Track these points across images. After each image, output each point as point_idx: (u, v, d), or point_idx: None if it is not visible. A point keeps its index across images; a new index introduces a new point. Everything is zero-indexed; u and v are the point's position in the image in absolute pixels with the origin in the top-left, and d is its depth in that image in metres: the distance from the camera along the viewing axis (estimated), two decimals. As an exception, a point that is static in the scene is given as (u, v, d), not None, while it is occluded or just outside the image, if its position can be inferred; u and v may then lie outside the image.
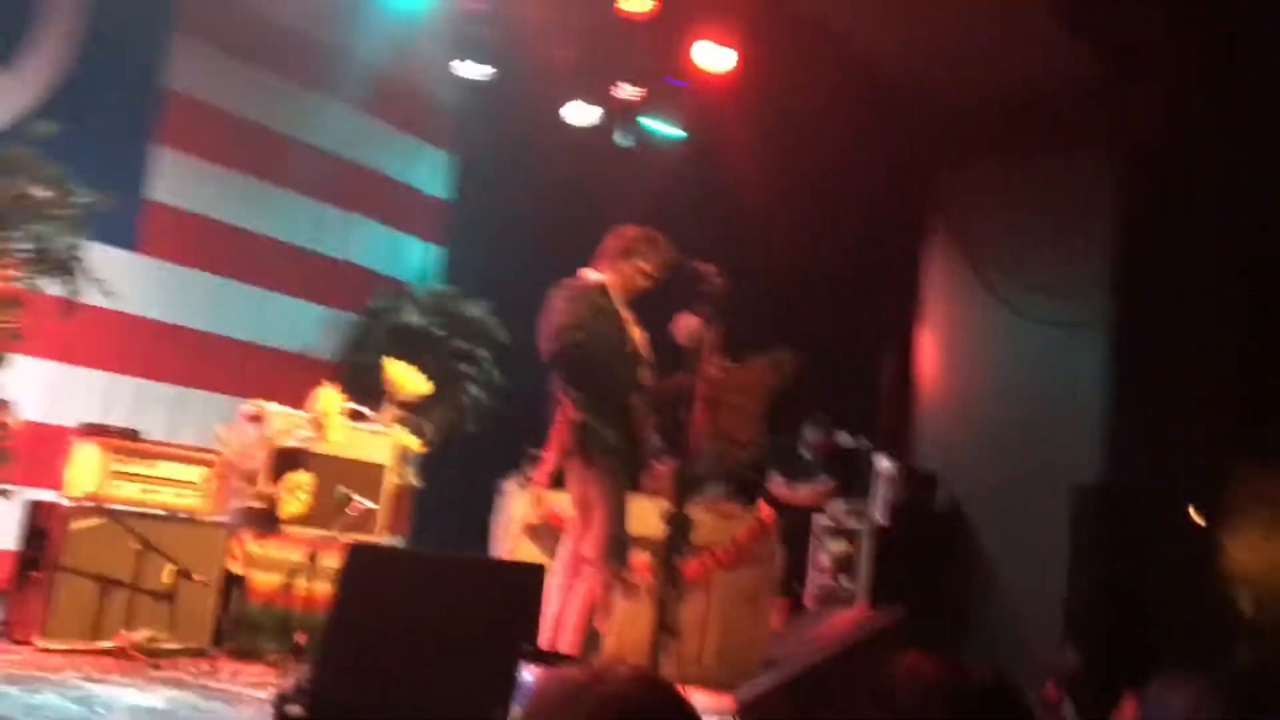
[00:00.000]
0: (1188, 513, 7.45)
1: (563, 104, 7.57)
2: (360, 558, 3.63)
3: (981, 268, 8.30)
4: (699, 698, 5.37)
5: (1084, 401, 7.66)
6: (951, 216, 8.58)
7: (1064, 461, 7.55)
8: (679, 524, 4.16)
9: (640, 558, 4.91)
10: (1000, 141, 8.19)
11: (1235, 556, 7.38)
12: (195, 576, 5.25)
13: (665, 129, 7.76)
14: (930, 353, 8.67)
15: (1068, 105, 7.67)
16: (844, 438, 8.25)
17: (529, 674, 2.06)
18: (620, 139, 7.65)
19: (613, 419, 4.24)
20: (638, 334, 4.58)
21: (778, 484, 7.86)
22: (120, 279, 6.30)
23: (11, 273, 5.65)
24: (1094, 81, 7.44)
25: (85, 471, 5.31)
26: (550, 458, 4.47)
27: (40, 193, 5.61)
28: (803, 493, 7.87)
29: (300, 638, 5.40)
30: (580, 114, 7.55)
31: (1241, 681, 1.65)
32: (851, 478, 8.19)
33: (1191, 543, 7.46)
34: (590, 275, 4.56)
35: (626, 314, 4.58)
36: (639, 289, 4.63)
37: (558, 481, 5.12)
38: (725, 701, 4.97)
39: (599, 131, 7.65)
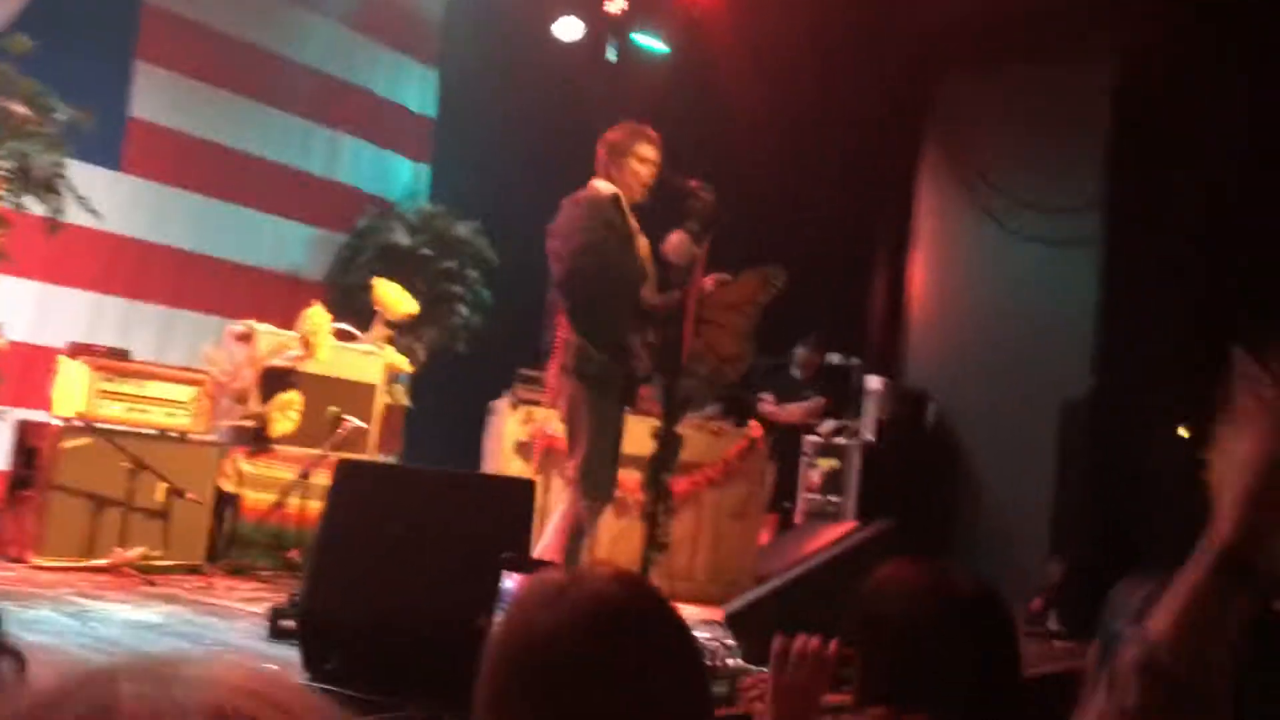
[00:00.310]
0: (1174, 426, 7.51)
1: (548, 18, 7.44)
2: (349, 473, 3.65)
3: (974, 184, 8.26)
4: (689, 611, 5.45)
5: (1073, 318, 7.68)
6: (944, 131, 8.50)
7: (1053, 378, 7.59)
8: (668, 442, 4.18)
9: (631, 475, 4.93)
10: (994, 53, 8.09)
11: (1219, 469, 7.46)
12: (188, 494, 5.28)
13: (653, 44, 7.64)
14: (921, 271, 8.65)
15: (1061, 15, 7.56)
16: (834, 356, 8.27)
17: (511, 582, 2.08)
18: (608, 54, 7.54)
19: (609, 344, 4.20)
20: (644, 243, 4.47)
21: (768, 402, 7.89)
22: (105, 198, 6.24)
23: (-4, 191, 5.59)
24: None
25: (74, 391, 5.31)
26: (551, 377, 4.45)
27: (20, 109, 5.52)
28: (792, 410, 7.90)
29: (293, 553, 5.46)
30: (567, 29, 7.43)
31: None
32: (841, 396, 8.23)
33: (1177, 455, 7.54)
34: (601, 186, 4.45)
35: (634, 223, 4.47)
36: (645, 186, 4.47)
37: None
38: (715, 614, 5.04)
39: (585, 47, 7.53)
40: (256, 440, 5.80)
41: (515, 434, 6.20)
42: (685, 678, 1.22)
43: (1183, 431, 7.57)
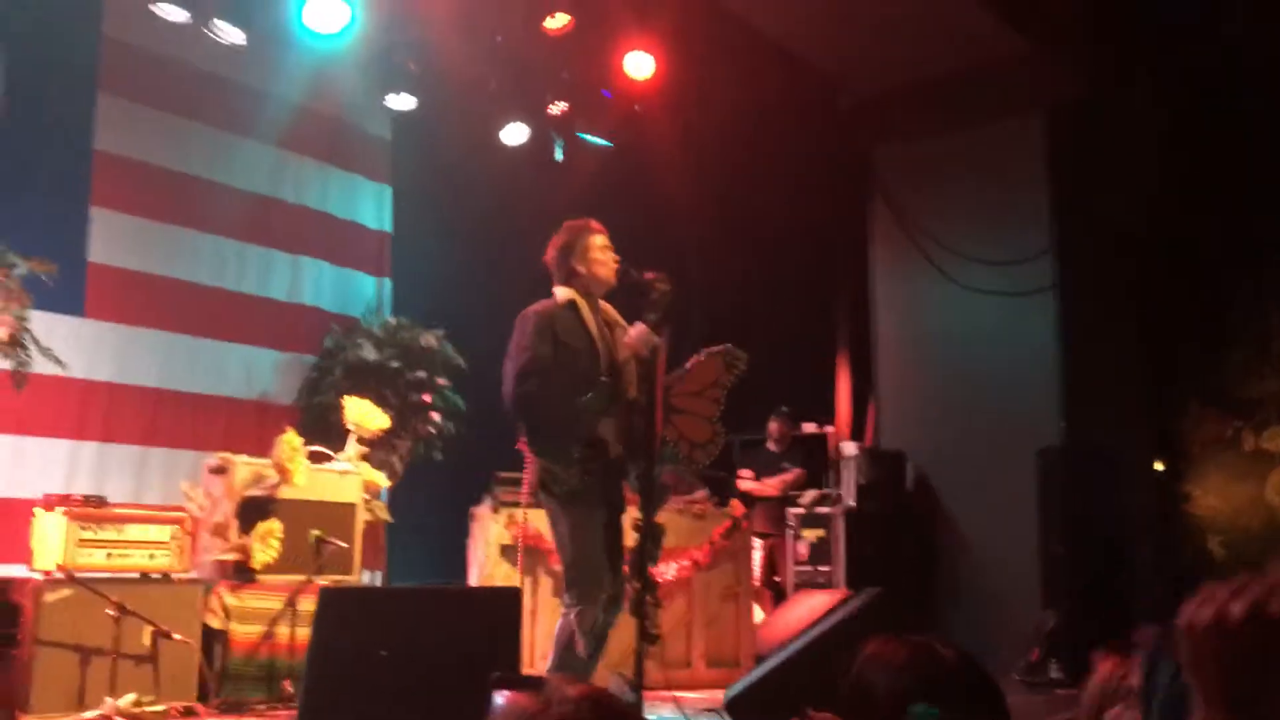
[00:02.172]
0: (1151, 464, 7.59)
1: (494, 127, 7.60)
2: (331, 602, 3.64)
3: (925, 244, 8.41)
4: (691, 701, 5.42)
5: (1038, 365, 7.78)
6: (891, 195, 8.68)
7: (1025, 426, 7.67)
8: (650, 533, 4.19)
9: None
10: (928, 117, 8.30)
11: (1200, 502, 7.53)
12: (175, 636, 5.23)
13: (597, 139, 7.81)
14: (885, 331, 8.75)
15: (989, 78, 7.79)
16: (808, 426, 8.34)
17: (499, 699, 2.09)
18: (555, 154, 7.70)
19: (569, 462, 4.21)
20: (618, 337, 4.46)
21: (747, 478, 7.93)
22: (70, 345, 6.27)
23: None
24: (1014, 52, 7.56)
25: (52, 543, 5.28)
26: (526, 489, 4.45)
27: (-22, 269, 5.57)
28: (772, 484, 7.94)
29: (286, 685, 5.41)
30: (513, 134, 7.60)
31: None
32: (819, 465, 8.28)
33: (1158, 493, 7.61)
34: (559, 294, 4.49)
35: (601, 321, 4.46)
36: (610, 273, 4.49)
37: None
38: (715, 698, 5.03)
39: (532, 150, 7.69)
40: (240, 573, 5.76)
41: (499, 537, 6.21)
42: None
43: (1158, 465, 7.66)
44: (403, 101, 7.33)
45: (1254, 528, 7.27)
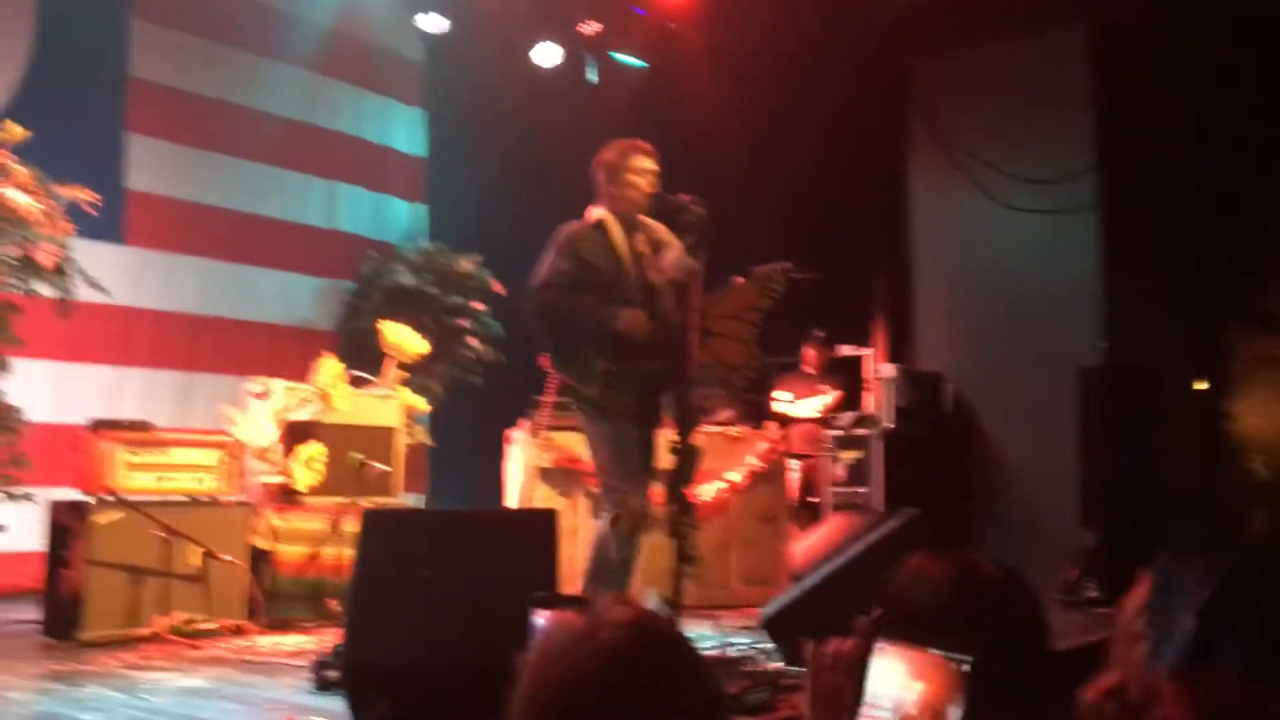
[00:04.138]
0: (1192, 384, 7.51)
1: (527, 48, 7.51)
2: (374, 523, 3.70)
3: (965, 163, 8.27)
4: (729, 620, 5.49)
5: (1078, 286, 7.68)
6: (929, 113, 8.52)
7: (1064, 347, 7.59)
8: (685, 455, 4.21)
9: (657, 488, 4.96)
10: (967, 31, 8.11)
11: (1244, 421, 7.46)
12: (223, 557, 5.36)
13: (631, 60, 7.71)
14: (922, 254, 8.66)
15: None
16: (845, 348, 8.30)
17: (541, 619, 2.13)
18: (588, 75, 7.61)
19: (586, 374, 4.23)
20: (649, 256, 4.43)
21: (783, 401, 7.92)
22: (111, 272, 6.34)
23: (3, 279, 5.69)
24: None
25: (101, 466, 5.39)
26: (546, 410, 4.50)
27: (20, 197, 5.62)
28: (809, 407, 7.94)
29: (332, 604, 5.53)
30: (546, 55, 7.50)
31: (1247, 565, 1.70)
32: (857, 387, 8.25)
33: (1200, 413, 7.53)
34: (592, 214, 4.49)
35: (639, 240, 4.44)
36: (645, 198, 4.47)
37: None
38: (752, 619, 5.08)
39: (565, 71, 7.60)
40: (284, 495, 5.88)
41: (537, 460, 6.26)
42: None
43: (1200, 385, 7.57)
44: (434, 23, 7.26)
45: (1298, 448, 7.20)
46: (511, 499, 6.30)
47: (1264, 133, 6.96)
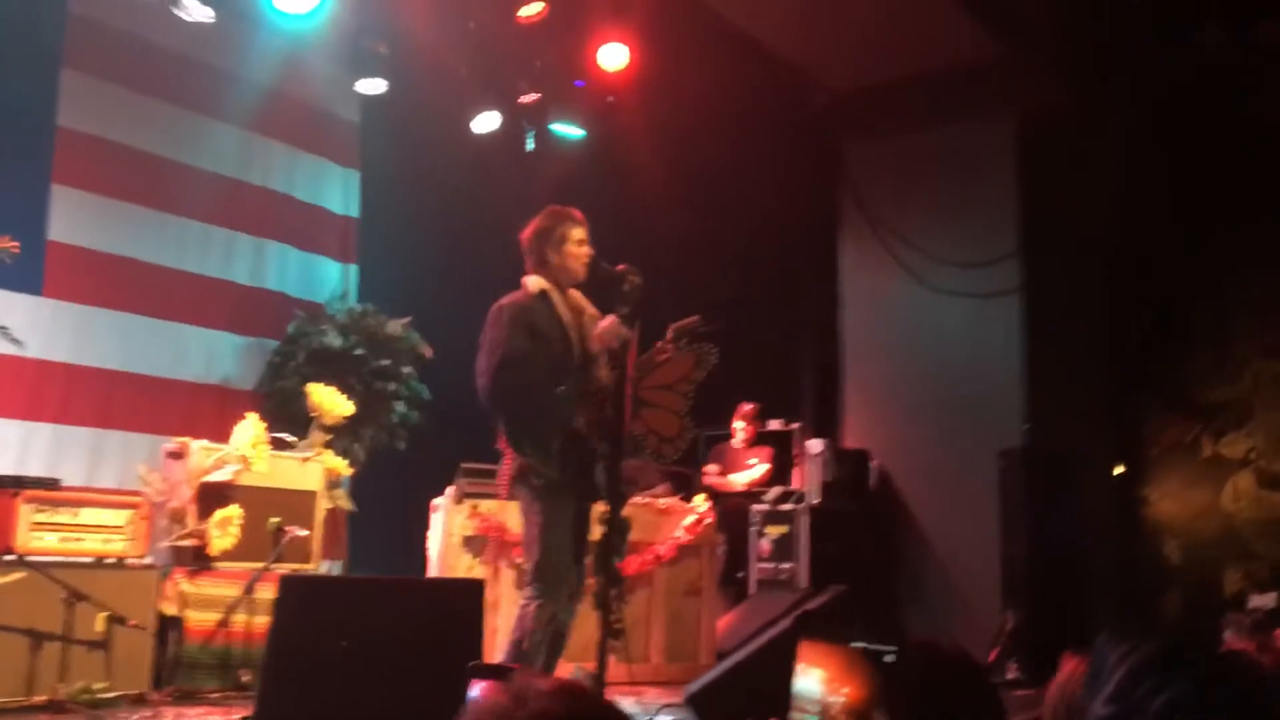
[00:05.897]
0: (1111, 469, 7.65)
1: (465, 115, 7.53)
2: (292, 590, 3.59)
3: (893, 244, 8.43)
4: (651, 695, 5.40)
5: (1002, 368, 7.83)
6: (861, 194, 8.69)
7: (988, 428, 7.71)
8: (615, 526, 4.16)
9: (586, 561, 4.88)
10: (898, 116, 8.32)
11: (1158, 505, 7.60)
12: (129, 622, 5.14)
13: (568, 130, 7.76)
14: (852, 330, 8.77)
15: (960, 77, 7.81)
16: (773, 422, 8.34)
17: (475, 690, 2.07)
18: (526, 144, 7.64)
19: (548, 454, 4.17)
20: (587, 325, 4.42)
21: (712, 474, 7.92)
22: (27, 324, 6.15)
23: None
24: (988, 54, 7.58)
25: (5, 525, 5.17)
26: (502, 483, 4.40)
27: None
28: (737, 480, 7.93)
29: (242, 674, 5.33)
30: (484, 122, 7.52)
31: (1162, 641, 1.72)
32: (784, 462, 8.28)
33: (1117, 497, 7.67)
34: (530, 284, 4.46)
35: (571, 310, 4.43)
36: (581, 267, 4.47)
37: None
38: (676, 695, 5.00)
39: (502, 139, 7.62)
40: (197, 559, 5.68)
41: (461, 529, 6.15)
42: None
43: (1118, 469, 7.72)
44: (373, 85, 7.24)
45: (1209, 533, 7.34)
46: (434, 568, 6.17)
47: (1183, 221, 7.19)
